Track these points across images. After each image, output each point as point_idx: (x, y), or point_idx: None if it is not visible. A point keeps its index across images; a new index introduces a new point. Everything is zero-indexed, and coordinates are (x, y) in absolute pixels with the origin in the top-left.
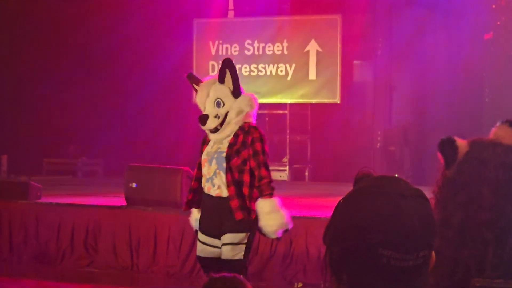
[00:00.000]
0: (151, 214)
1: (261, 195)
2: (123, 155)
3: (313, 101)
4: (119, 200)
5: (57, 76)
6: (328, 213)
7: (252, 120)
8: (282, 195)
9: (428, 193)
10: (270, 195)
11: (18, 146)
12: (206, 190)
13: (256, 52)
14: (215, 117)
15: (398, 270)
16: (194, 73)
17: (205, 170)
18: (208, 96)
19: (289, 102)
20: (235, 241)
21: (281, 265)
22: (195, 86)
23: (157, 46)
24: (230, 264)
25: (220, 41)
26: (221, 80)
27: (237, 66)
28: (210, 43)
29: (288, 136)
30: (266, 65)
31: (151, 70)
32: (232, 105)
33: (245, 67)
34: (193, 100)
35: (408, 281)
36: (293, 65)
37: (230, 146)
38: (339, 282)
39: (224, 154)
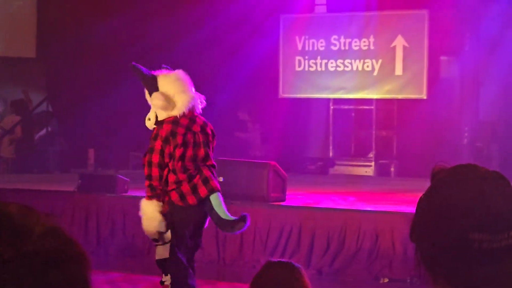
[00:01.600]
0: (237, 208)
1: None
2: None
3: (399, 96)
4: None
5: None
6: (414, 209)
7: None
8: (368, 190)
9: None
10: (149, 197)
11: (105, 140)
12: None
13: (343, 47)
14: (148, 119)
15: (491, 252)
16: (280, 68)
17: None
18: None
19: (375, 98)
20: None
21: (367, 261)
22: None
23: (244, 42)
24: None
25: (307, 36)
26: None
27: (323, 61)
28: (297, 38)
29: (374, 132)
30: (353, 61)
31: (238, 65)
32: (153, 104)
33: (331, 63)
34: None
35: (504, 263)
36: (380, 61)
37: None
38: (435, 276)
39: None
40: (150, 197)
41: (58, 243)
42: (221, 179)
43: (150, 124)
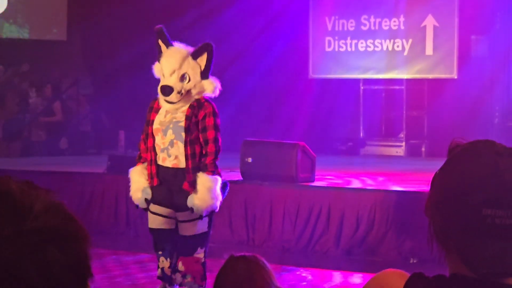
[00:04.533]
0: (266, 188)
1: (205, 170)
2: (238, 131)
3: (430, 76)
4: (235, 175)
5: None
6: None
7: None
8: (398, 170)
9: None
10: (213, 172)
11: (134, 121)
12: (160, 161)
13: (373, 27)
14: (179, 92)
15: (504, 228)
16: (310, 48)
17: (158, 140)
18: (180, 68)
19: (405, 78)
20: (195, 216)
21: (397, 241)
22: (162, 44)
23: (274, 23)
24: (194, 239)
25: (336, 17)
26: (195, 56)
27: (353, 42)
28: (327, 18)
29: (404, 112)
30: (383, 41)
31: (267, 47)
32: (197, 84)
33: (361, 43)
34: (157, 65)
35: None
36: (410, 40)
37: (188, 118)
38: (447, 250)
39: (181, 124)
40: (214, 173)
41: (58, 220)
42: (249, 159)
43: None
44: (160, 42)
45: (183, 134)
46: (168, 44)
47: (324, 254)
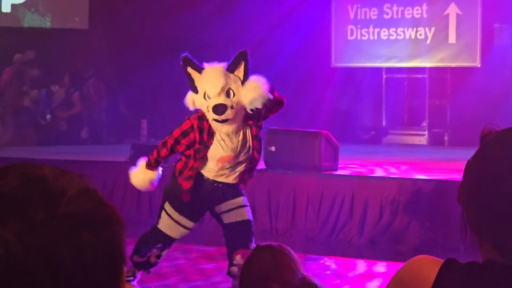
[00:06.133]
0: (290, 177)
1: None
2: None
3: (453, 64)
4: (259, 164)
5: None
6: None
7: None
8: (421, 159)
9: None
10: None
11: (157, 110)
12: (218, 178)
13: (395, 16)
14: (232, 108)
15: None
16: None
17: (225, 162)
18: (224, 86)
19: (428, 66)
20: (245, 202)
21: (421, 229)
22: (193, 71)
23: (296, 11)
24: (247, 225)
25: (359, 5)
26: (233, 69)
27: (376, 30)
28: (349, 7)
29: (427, 100)
30: (405, 29)
31: (290, 35)
32: (241, 94)
33: (384, 31)
34: (191, 95)
35: None
36: (433, 29)
37: (255, 137)
38: (481, 239)
39: (250, 144)
40: None
41: (92, 205)
42: (273, 148)
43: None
44: (189, 69)
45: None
46: (199, 69)
47: (347, 243)
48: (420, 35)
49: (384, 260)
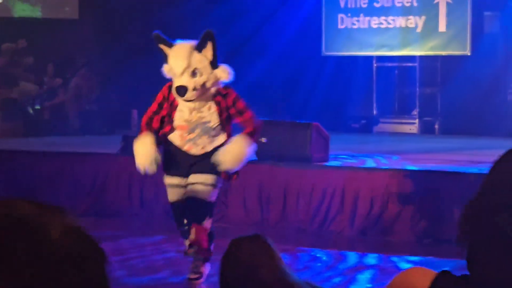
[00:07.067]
0: (280, 169)
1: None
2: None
3: (443, 53)
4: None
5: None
6: (459, 168)
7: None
8: (412, 148)
9: None
10: (251, 134)
11: (147, 101)
12: (184, 148)
13: (386, 4)
14: (194, 89)
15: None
16: (323, 25)
17: (183, 133)
18: (189, 65)
19: (418, 55)
20: (210, 182)
21: (411, 221)
22: (164, 47)
23: (286, 0)
24: (205, 206)
25: None
26: (200, 49)
27: (366, 19)
28: None
29: (417, 89)
30: (396, 17)
31: (280, 24)
32: (210, 76)
33: (374, 20)
34: (166, 67)
35: None
36: (423, 17)
37: (221, 114)
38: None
39: (210, 125)
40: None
41: (75, 244)
42: (264, 140)
43: None
44: (161, 46)
45: (212, 133)
46: (169, 45)
47: (338, 234)
48: (411, 23)
49: (375, 252)
